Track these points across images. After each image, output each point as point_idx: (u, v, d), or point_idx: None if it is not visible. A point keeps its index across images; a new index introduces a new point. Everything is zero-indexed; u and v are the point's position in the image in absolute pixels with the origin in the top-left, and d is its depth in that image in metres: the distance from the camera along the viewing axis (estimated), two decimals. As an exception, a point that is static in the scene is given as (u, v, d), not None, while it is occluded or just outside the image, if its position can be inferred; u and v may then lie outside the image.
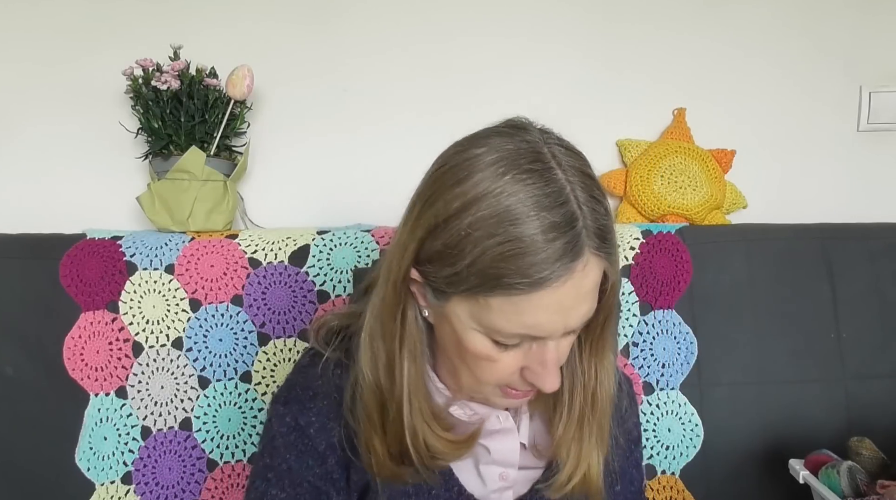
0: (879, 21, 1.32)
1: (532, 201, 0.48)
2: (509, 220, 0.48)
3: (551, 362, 0.54)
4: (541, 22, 1.30)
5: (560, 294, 0.50)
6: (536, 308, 0.50)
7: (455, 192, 0.50)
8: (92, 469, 1.03)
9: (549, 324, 0.51)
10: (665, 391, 1.08)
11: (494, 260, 0.48)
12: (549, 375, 0.54)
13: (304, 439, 0.63)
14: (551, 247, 0.48)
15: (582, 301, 0.52)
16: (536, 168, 0.50)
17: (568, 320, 0.52)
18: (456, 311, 0.54)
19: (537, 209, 0.48)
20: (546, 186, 0.49)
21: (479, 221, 0.49)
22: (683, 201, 1.23)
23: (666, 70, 1.31)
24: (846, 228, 1.17)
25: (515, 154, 0.51)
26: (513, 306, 0.50)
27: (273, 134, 1.29)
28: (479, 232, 0.49)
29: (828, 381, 1.09)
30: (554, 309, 0.50)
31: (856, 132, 1.33)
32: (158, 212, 1.11)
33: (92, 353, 1.04)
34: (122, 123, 1.22)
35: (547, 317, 0.51)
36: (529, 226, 0.48)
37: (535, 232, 0.48)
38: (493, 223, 0.48)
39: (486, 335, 0.54)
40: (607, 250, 0.52)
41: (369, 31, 1.29)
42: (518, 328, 0.51)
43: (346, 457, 0.63)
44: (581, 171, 0.52)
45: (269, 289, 1.06)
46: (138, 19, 1.26)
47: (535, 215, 0.48)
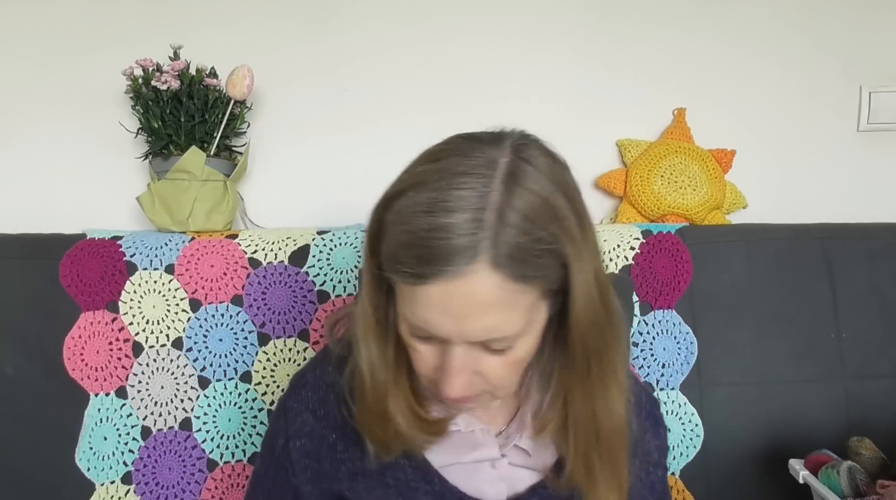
0: (879, 21, 1.32)
1: (450, 199, 0.48)
2: (421, 212, 0.49)
3: (452, 369, 0.53)
4: (541, 22, 1.31)
5: (446, 296, 0.49)
6: (426, 304, 0.50)
7: (405, 177, 0.53)
8: (92, 469, 1.03)
9: (439, 325, 0.51)
10: (665, 391, 1.08)
11: (401, 246, 0.50)
12: (447, 380, 0.53)
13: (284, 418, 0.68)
14: (437, 245, 0.47)
15: (478, 314, 0.50)
16: (476, 172, 0.49)
17: (463, 328, 0.50)
18: (400, 318, 0.55)
19: (447, 209, 0.48)
20: (471, 190, 0.49)
21: (406, 207, 0.50)
22: (683, 201, 1.23)
23: (666, 70, 1.31)
24: (846, 228, 1.17)
25: (467, 157, 0.51)
26: (410, 296, 0.51)
27: (273, 134, 1.29)
28: (402, 217, 0.50)
29: (828, 381, 1.09)
30: (440, 310, 0.50)
31: (856, 132, 1.33)
32: (158, 212, 1.11)
33: (92, 353, 1.04)
34: (122, 123, 1.22)
35: (437, 316, 0.50)
36: (432, 221, 0.48)
37: (434, 227, 0.48)
38: (413, 212, 0.49)
39: (404, 321, 0.54)
40: (523, 274, 0.49)
41: (369, 32, 1.29)
42: (416, 319, 0.52)
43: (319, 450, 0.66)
44: (539, 194, 0.50)
45: (269, 289, 1.06)
46: (138, 19, 1.26)
47: (441, 213, 0.48)
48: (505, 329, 0.51)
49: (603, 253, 1.10)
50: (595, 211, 1.33)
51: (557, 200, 0.51)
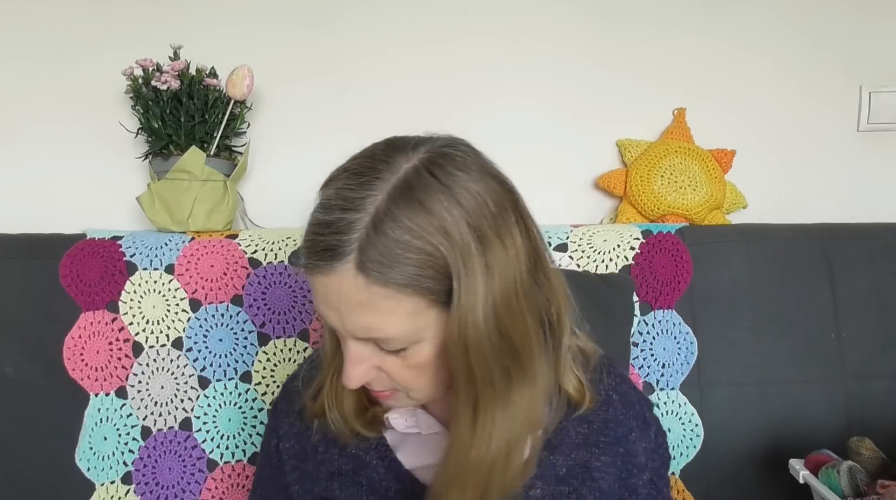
0: (879, 21, 1.32)
1: (335, 195, 0.52)
2: (317, 207, 0.53)
3: (348, 359, 0.55)
4: (541, 22, 1.31)
5: (322, 288, 0.52)
6: (314, 294, 0.54)
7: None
8: (92, 469, 1.03)
9: (327, 316, 0.54)
10: (665, 391, 1.08)
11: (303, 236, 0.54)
12: (344, 369, 0.55)
13: (275, 419, 0.72)
14: (316, 240, 0.51)
15: (352, 311, 0.51)
16: (366, 172, 0.52)
17: (345, 322, 0.52)
18: None
19: (333, 206, 0.51)
20: (354, 190, 0.51)
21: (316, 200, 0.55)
22: (683, 201, 1.23)
23: (666, 70, 1.31)
24: (846, 228, 1.17)
25: (372, 160, 0.54)
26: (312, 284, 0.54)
27: (273, 134, 1.29)
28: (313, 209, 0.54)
29: (828, 381, 1.09)
30: (324, 302, 0.53)
31: (856, 132, 1.33)
32: (158, 212, 1.11)
33: (92, 353, 1.04)
34: (122, 123, 1.22)
35: (323, 308, 0.53)
36: (317, 216, 0.52)
37: (314, 222, 0.52)
38: (314, 206, 0.54)
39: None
40: (377, 277, 0.49)
41: (369, 31, 1.29)
42: (316, 308, 0.55)
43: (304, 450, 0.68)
44: (422, 204, 0.49)
45: (269, 289, 1.06)
46: (138, 19, 1.26)
47: (328, 208, 0.51)
48: (385, 331, 0.52)
49: (601, 254, 1.10)
50: (595, 211, 1.33)
51: (452, 215, 0.50)
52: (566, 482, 0.63)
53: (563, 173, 1.31)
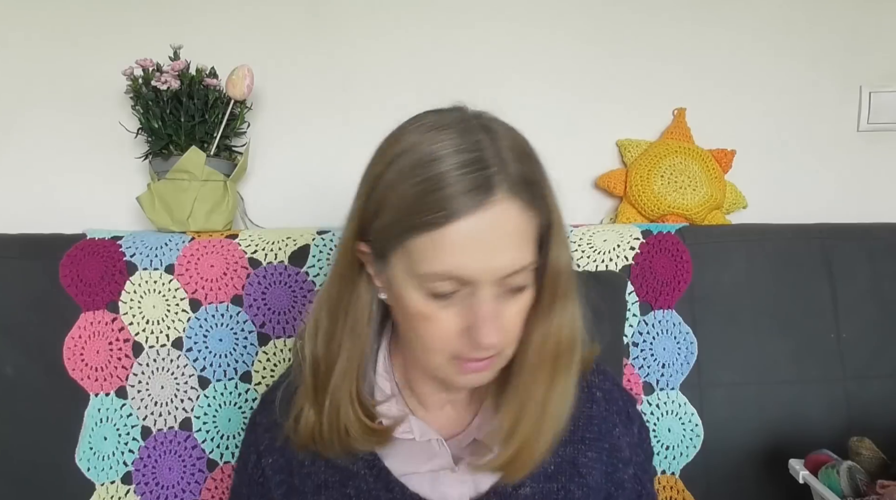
0: (879, 21, 1.32)
1: (448, 147, 0.52)
2: (426, 163, 0.51)
3: (487, 313, 0.53)
4: (541, 22, 1.31)
5: (474, 229, 0.50)
6: (455, 245, 0.51)
7: (379, 157, 0.56)
8: (92, 469, 1.03)
9: (472, 262, 0.51)
10: (665, 391, 1.08)
11: (412, 201, 0.51)
12: (484, 327, 0.53)
13: (253, 433, 0.69)
14: (462, 181, 0.50)
15: (505, 244, 0.52)
16: (458, 127, 0.54)
17: (493, 261, 0.52)
18: (395, 272, 0.55)
19: (453, 152, 0.51)
20: (464, 137, 0.52)
21: (400, 170, 0.53)
22: (683, 201, 1.23)
23: (666, 70, 1.31)
24: (846, 228, 1.17)
25: (440, 120, 0.55)
26: (433, 244, 0.51)
27: (273, 134, 1.29)
28: (400, 179, 0.52)
29: (828, 381, 1.09)
30: (472, 246, 0.51)
31: (856, 132, 1.33)
32: (158, 212, 1.11)
33: (92, 353, 1.04)
34: (122, 123, 1.22)
35: (469, 255, 0.51)
36: (443, 164, 0.51)
37: (448, 168, 0.51)
38: (412, 168, 0.52)
39: (420, 288, 0.54)
40: (533, 197, 0.53)
41: (369, 32, 1.29)
42: (442, 267, 0.52)
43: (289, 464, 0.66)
44: (514, 138, 0.55)
45: (269, 289, 1.06)
46: (138, 19, 1.26)
47: (449, 156, 0.51)
48: (524, 259, 0.53)
49: (601, 254, 1.10)
50: (595, 211, 1.34)
51: (528, 144, 0.56)
52: (555, 478, 0.64)
53: (563, 173, 1.30)
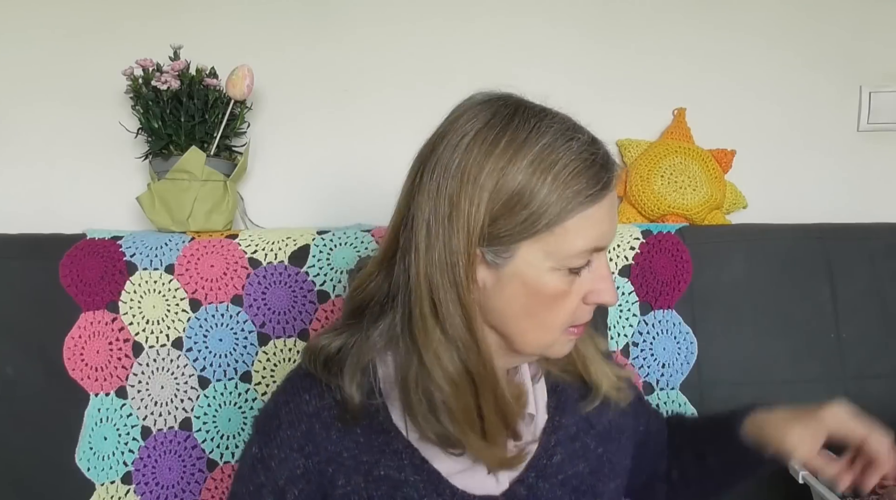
0: (879, 21, 1.32)
1: (564, 126, 0.57)
2: (561, 144, 0.55)
3: (606, 275, 0.59)
4: (541, 22, 1.30)
5: (611, 199, 0.57)
6: (603, 213, 0.56)
7: (492, 154, 0.54)
8: (92, 469, 1.03)
9: (612, 226, 0.58)
10: (665, 391, 1.08)
11: (568, 178, 0.54)
12: (611, 285, 0.59)
13: (266, 471, 0.62)
14: (599, 155, 0.56)
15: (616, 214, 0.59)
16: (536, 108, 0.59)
17: (612, 231, 0.58)
18: (527, 259, 0.56)
19: (570, 133, 0.56)
20: (554, 121, 0.57)
21: (535, 157, 0.54)
22: (683, 201, 1.23)
23: (666, 70, 1.31)
24: (846, 228, 1.17)
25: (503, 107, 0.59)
26: (587, 221, 0.55)
27: (273, 134, 1.29)
28: (542, 164, 0.54)
29: (828, 381, 1.09)
30: (612, 213, 0.57)
31: (856, 132, 1.33)
32: (158, 212, 1.11)
33: (92, 353, 1.04)
34: (122, 123, 1.22)
35: (609, 220, 0.57)
36: (577, 144, 0.55)
37: (584, 147, 0.55)
38: (549, 151, 0.54)
39: (559, 268, 0.56)
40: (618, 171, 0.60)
41: (369, 31, 1.29)
42: (591, 242, 0.56)
43: (318, 489, 0.62)
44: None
45: (269, 289, 1.06)
46: (138, 19, 1.26)
47: (572, 137, 0.56)
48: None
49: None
50: (595, 211, 1.33)
51: None
52: (577, 438, 0.68)
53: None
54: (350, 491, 0.61)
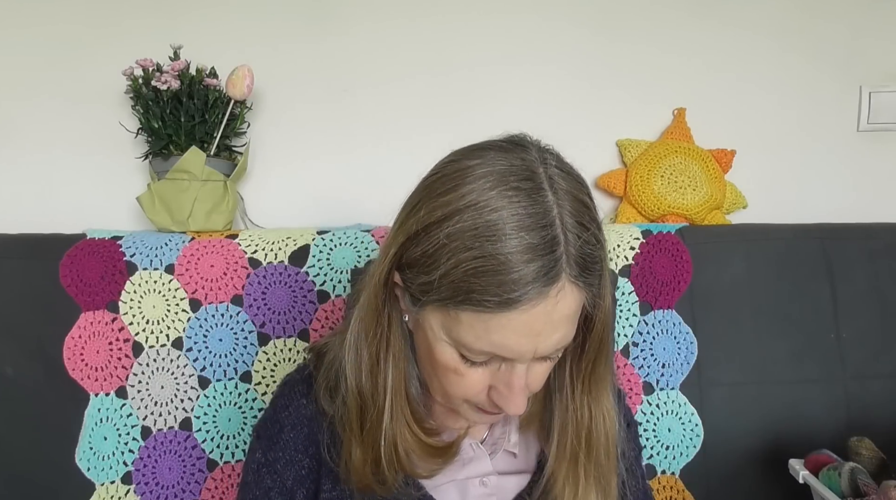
0: (879, 21, 1.32)
1: (514, 220, 0.47)
2: (487, 235, 0.47)
3: (517, 387, 0.53)
4: (541, 22, 1.30)
5: (530, 318, 0.49)
6: (504, 329, 0.49)
7: (440, 201, 0.50)
8: (92, 469, 1.03)
9: (517, 346, 0.50)
10: (665, 391, 1.08)
11: (467, 274, 0.48)
12: (514, 398, 0.53)
13: (273, 475, 0.63)
14: (526, 269, 0.47)
15: (554, 329, 0.50)
16: (525, 187, 0.49)
17: (538, 345, 0.50)
18: (429, 320, 0.53)
19: (518, 229, 0.47)
20: (531, 205, 0.48)
21: (457, 232, 0.48)
22: (683, 201, 1.23)
23: (666, 70, 1.31)
24: (846, 228, 1.17)
25: (507, 171, 0.50)
26: (482, 324, 0.49)
27: (273, 134, 1.29)
28: (456, 243, 0.48)
29: (828, 381, 1.09)
30: (523, 332, 0.49)
31: (856, 132, 1.33)
32: (158, 212, 1.11)
33: (92, 353, 1.04)
34: (122, 123, 1.22)
35: (515, 339, 0.50)
36: (507, 244, 0.47)
37: (512, 251, 0.47)
38: (471, 236, 0.48)
39: (454, 348, 0.53)
40: (588, 281, 0.50)
41: (369, 31, 1.29)
42: (486, 346, 0.51)
43: (316, 489, 0.62)
44: (575, 196, 0.50)
45: (269, 289, 1.06)
46: (138, 19, 1.26)
47: (514, 234, 0.47)
48: (568, 339, 0.53)
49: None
50: (595, 211, 1.33)
51: (587, 199, 0.52)
52: None
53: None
54: (335, 497, 0.61)
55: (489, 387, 0.55)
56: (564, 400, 0.60)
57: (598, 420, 0.60)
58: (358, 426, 0.59)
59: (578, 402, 0.60)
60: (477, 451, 0.64)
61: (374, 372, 0.58)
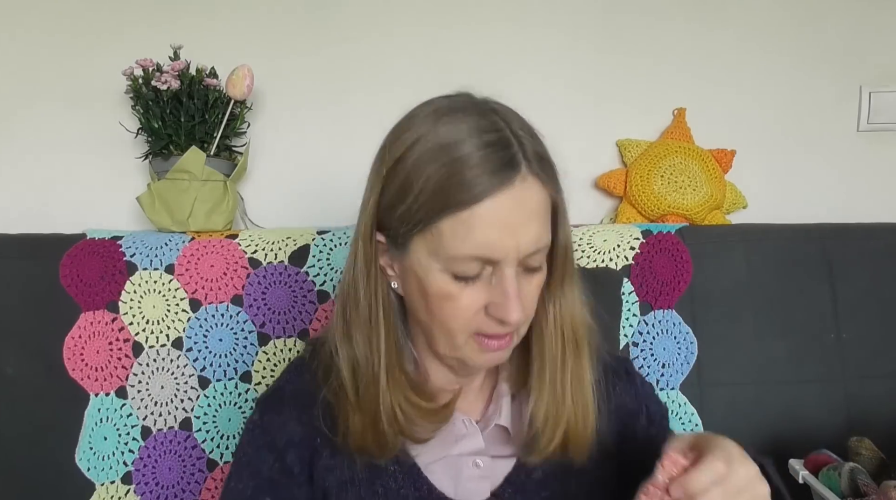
0: (879, 21, 1.32)
1: (469, 129, 0.54)
2: (448, 146, 0.53)
3: (512, 292, 0.55)
4: (541, 22, 1.31)
5: (502, 208, 0.53)
6: (482, 224, 0.53)
7: (401, 139, 0.57)
8: (92, 469, 1.03)
9: (499, 242, 0.53)
10: (665, 391, 1.08)
11: (439, 184, 0.53)
12: (510, 303, 0.55)
13: (265, 435, 0.65)
14: (487, 161, 0.52)
15: (529, 220, 0.54)
16: (473, 111, 0.56)
17: (518, 239, 0.54)
18: (416, 255, 0.57)
19: (473, 134, 0.53)
20: (482, 119, 0.55)
21: (422, 154, 0.54)
22: (683, 201, 1.23)
23: (666, 70, 1.31)
24: (846, 228, 1.17)
25: (453, 103, 0.57)
26: (461, 226, 0.53)
27: (273, 134, 1.29)
28: (423, 162, 0.54)
29: (828, 381, 1.09)
30: (499, 225, 0.53)
31: (856, 132, 1.33)
32: (158, 212, 1.11)
33: (92, 353, 1.04)
34: (122, 123, 1.22)
35: (496, 234, 0.53)
36: (466, 146, 0.53)
37: (472, 151, 0.53)
38: (434, 151, 0.54)
39: (445, 271, 0.55)
40: (548, 176, 0.56)
41: (370, 32, 1.29)
42: (471, 249, 0.53)
43: (310, 456, 0.64)
44: (519, 116, 0.58)
45: (269, 289, 1.06)
46: (138, 19, 1.26)
47: (470, 139, 0.53)
48: (545, 237, 0.56)
49: (602, 254, 1.10)
50: (595, 211, 1.34)
51: (532, 125, 0.58)
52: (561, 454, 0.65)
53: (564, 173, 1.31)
54: (333, 466, 0.64)
55: (486, 306, 0.57)
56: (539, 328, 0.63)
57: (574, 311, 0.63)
58: (354, 392, 0.61)
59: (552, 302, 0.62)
60: (470, 428, 0.65)
61: (368, 333, 0.61)
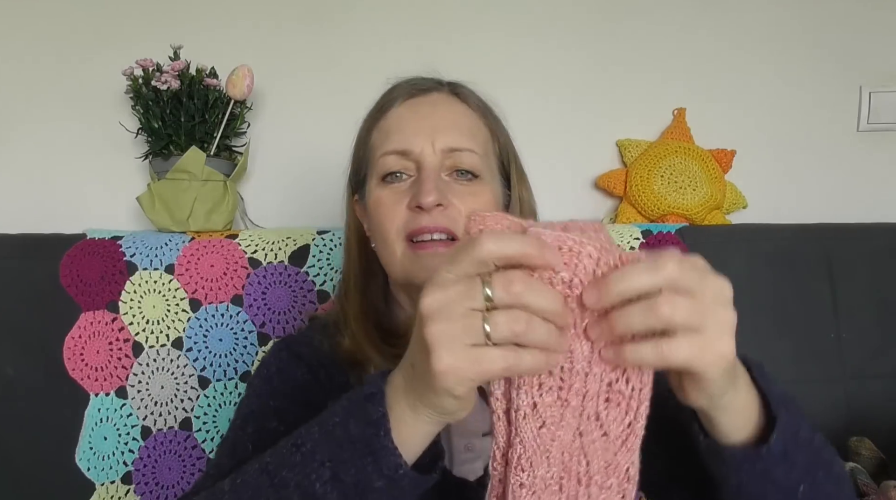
0: (879, 21, 1.32)
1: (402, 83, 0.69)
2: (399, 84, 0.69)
3: (427, 176, 0.62)
4: (541, 22, 1.31)
5: (410, 107, 0.65)
6: (397, 120, 0.65)
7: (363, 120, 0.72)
8: (92, 469, 1.03)
9: (413, 135, 0.63)
10: (665, 391, 1.08)
11: (372, 116, 0.69)
12: (423, 186, 0.61)
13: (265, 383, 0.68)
14: (402, 83, 0.69)
15: (445, 122, 0.64)
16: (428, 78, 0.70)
17: (433, 135, 0.63)
18: (371, 188, 0.66)
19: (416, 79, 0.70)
20: (411, 78, 0.69)
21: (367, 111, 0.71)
22: (683, 201, 1.23)
23: (666, 70, 1.31)
24: (846, 228, 1.17)
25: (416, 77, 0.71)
26: (382, 132, 0.66)
27: (273, 134, 1.29)
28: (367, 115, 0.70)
29: (828, 381, 1.09)
30: (413, 121, 0.64)
31: (856, 132, 1.33)
32: (158, 212, 1.11)
33: (92, 353, 1.04)
34: (122, 123, 1.22)
35: (409, 127, 0.64)
36: (407, 81, 0.69)
37: (410, 79, 0.69)
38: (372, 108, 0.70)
39: (378, 178, 0.65)
40: (470, 102, 0.69)
41: (369, 31, 1.29)
42: (389, 145, 0.64)
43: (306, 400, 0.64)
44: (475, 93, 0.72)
45: (269, 289, 1.06)
46: (138, 19, 1.26)
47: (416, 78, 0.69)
48: (465, 142, 0.64)
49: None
50: (595, 211, 1.33)
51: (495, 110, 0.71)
52: None
53: (563, 173, 1.31)
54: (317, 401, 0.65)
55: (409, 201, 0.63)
56: None
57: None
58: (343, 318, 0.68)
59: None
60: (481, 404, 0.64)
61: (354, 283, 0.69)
